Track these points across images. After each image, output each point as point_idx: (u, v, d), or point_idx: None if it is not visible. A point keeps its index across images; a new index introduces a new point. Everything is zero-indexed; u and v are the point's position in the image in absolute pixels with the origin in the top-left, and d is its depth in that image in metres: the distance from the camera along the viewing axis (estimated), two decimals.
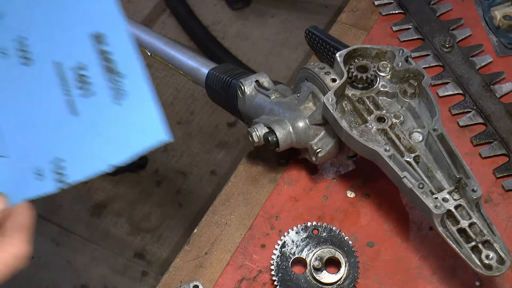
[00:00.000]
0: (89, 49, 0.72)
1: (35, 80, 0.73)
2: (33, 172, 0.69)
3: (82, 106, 0.71)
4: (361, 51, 0.87)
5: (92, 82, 0.71)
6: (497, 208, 0.91)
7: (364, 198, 0.92)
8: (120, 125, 0.69)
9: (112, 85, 0.70)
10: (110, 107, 0.70)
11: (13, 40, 0.75)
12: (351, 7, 1.13)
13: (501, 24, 1.08)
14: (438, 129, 0.80)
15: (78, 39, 0.73)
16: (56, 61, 0.72)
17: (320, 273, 0.84)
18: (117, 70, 0.70)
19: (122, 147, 0.68)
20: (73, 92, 0.71)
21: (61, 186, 0.68)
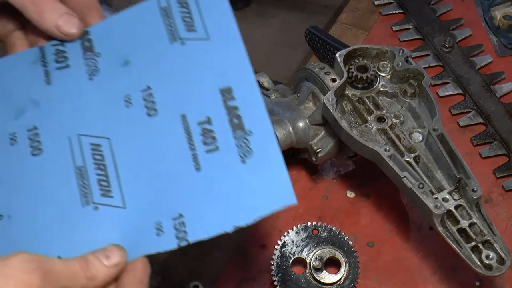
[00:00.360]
0: (217, 104, 0.69)
1: (159, 132, 0.70)
2: (154, 227, 0.66)
3: (206, 162, 0.67)
4: (361, 51, 0.87)
5: (217, 138, 0.68)
6: (497, 208, 0.91)
7: (364, 198, 0.92)
8: (246, 185, 0.66)
9: (238, 142, 0.67)
10: (235, 165, 0.66)
11: (138, 89, 0.73)
12: (351, 7, 1.13)
13: (501, 24, 1.08)
14: (438, 129, 0.80)
15: (207, 92, 0.70)
16: (182, 114, 0.70)
17: (320, 273, 0.83)
18: (244, 127, 0.67)
19: (247, 208, 0.65)
20: (197, 146, 0.68)
21: (181, 243, 0.65)
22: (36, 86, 0.76)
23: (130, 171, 0.70)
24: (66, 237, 0.68)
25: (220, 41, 0.72)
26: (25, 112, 0.75)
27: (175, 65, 0.73)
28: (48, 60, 0.77)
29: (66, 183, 0.70)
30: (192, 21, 0.73)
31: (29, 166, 0.72)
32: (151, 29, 0.75)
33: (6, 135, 0.74)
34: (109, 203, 0.69)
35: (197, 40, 0.73)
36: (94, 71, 0.75)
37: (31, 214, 0.70)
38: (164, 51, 0.74)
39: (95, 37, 0.77)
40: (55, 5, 0.74)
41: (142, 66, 0.74)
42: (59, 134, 0.73)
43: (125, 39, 0.76)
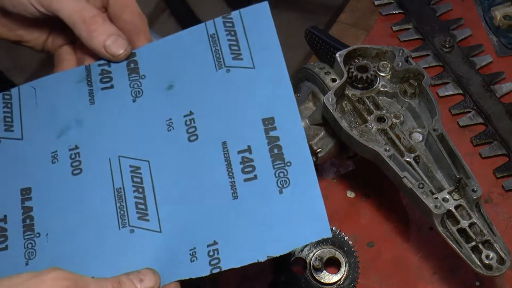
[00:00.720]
0: (258, 133, 0.69)
1: (199, 158, 0.70)
2: (188, 253, 0.66)
3: (243, 191, 0.67)
4: (361, 51, 0.87)
5: (256, 167, 0.68)
6: (497, 208, 0.91)
7: (364, 198, 0.92)
8: (282, 216, 0.66)
9: (277, 172, 0.67)
10: (272, 195, 0.66)
11: (180, 114, 0.73)
12: (351, 7, 1.13)
13: (501, 24, 1.08)
14: (438, 129, 0.80)
15: (249, 121, 0.70)
16: (223, 141, 0.70)
17: (320, 273, 0.83)
18: (284, 157, 0.68)
19: (282, 239, 0.65)
20: (236, 174, 0.68)
21: (214, 270, 0.65)
22: (80, 105, 0.77)
23: (168, 195, 0.70)
24: (101, 258, 0.68)
25: (266, 71, 0.72)
26: (68, 131, 0.75)
27: (219, 92, 0.73)
28: (93, 79, 0.77)
29: (104, 204, 0.71)
30: (239, 49, 0.74)
31: (68, 185, 0.73)
32: (197, 54, 0.76)
33: (48, 153, 0.75)
34: (145, 226, 0.69)
35: (242, 69, 0.73)
36: (138, 93, 0.76)
37: (68, 233, 0.70)
38: (209, 77, 0.74)
39: (141, 59, 0.77)
40: (104, 25, 0.76)
41: (186, 91, 0.74)
42: (100, 155, 0.73)
43: (171, 63, 0.76)
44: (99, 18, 0.75)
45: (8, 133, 0.76)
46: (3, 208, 0.72)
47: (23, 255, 0.69)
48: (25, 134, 0.76)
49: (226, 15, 0.77)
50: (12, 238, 0.71)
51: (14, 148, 0.76)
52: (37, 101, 0.78)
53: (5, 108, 0.78)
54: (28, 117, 0.77)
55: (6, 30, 0.82)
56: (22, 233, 0.71)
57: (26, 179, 0.74)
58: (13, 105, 0.78)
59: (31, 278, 0.58)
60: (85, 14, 0.75)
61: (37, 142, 0.76)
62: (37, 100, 0.78)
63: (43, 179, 0.74)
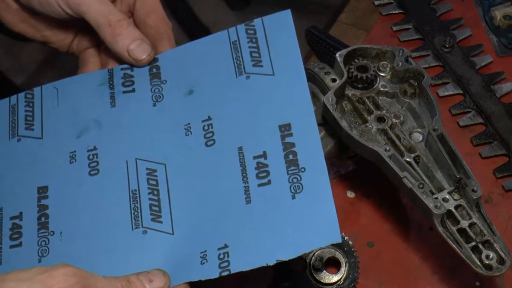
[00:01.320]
0: (274, 139, 0.70)
1: (215, 163, 0.71)
2: (199, 255, 0.67)
3: (257, 195, 0.68)
4: (361, 51, 0.87)
5: (270, 172, 0.68)
6: (497, 208, 0.91)
7: (364, 198, 0.92)
8: (293, 221, 0.66)
9: (290, 177, 0.68)
10: (285, 200, 0.67)
11: (199, 119, 0.73)
12: (351, 7, 1.13)
13: (501, 24, 1.08)
14: (438, 129, 0.80)
15: (266, 127, 0.71)
16: (240, 146, 0.71)
17: (320, 273, 0.83)
18: (299, 163, 0.68)
19: (292, 244, 0.65)
20: (250, 179, 0.69)
21: (223, 273, 0.66)
22: (101, 107, 0.77)
23: (182, 198, 0.71)
24: (113, 257, 0.69)
25: (285, 78, 0.73)
26: (87, 132, 0.76)
27: (238, 98, 0.74)
28: (115, 83, 0.78)
29: (119, 205, 0.71)
30: (259, 56, 0.75)
31: (85, 186, 0.73)
32: (219, 61, 0.76)
33: (67, 153, 0.75)
34: (158, 228, 0.70)
35: (262, 75, 0.74)
36: (159, 97, 0.76)
37: (82, 233, 0.71)
38: (228, 83, 0.75)
39: (163, 64, 0.78)
40: (129, 29, 0.76)
41: (205, 97, 0.75)
42: (118, 157, 0.74)
43: (192, 69, 0.77)
44: (124, 22, 0.76)
45: (28, 132, 0.77)
46: (19, 205, 0.73)
47: (37, 252, 0.70)
48: (45, 133, 0.77)
49: (248, 22, 0.78)
50: (27, 235, 0.71)
51: (33, 146, 0.77)
52: (59, 101, 0.79)
53: (27, 107, 0.79)
54: (49, 117, 0.78)
55: (34, 30, 0.83)
56: (37, 230, 0.71)
57: (43, 177, 0.75)
58: (35, 104, 0.79)
59: (41, 273, 0.58)
60: (110, 18, 0.75)
61: (57, 141, 0.77)
62: (58, 100, 0.79)
63: (60, 178, 0.74)
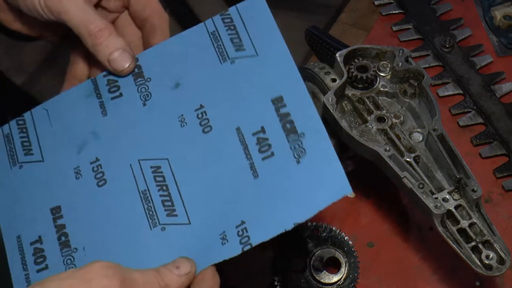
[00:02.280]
0: (269, 113, 0.71)
1: (216, 147, 0.72)
2: (219, 237, 0.68)
3: (263, 169, 0.69)
4: (361, 51, 0.87)
5: (272, 144, 0.70)
6: (497, 208, 0.91)
7: (364, 198, 0.92)
8: (302, 183, 0.68)
9: (292, 145, 0.69)
10: (291, 166, 0.68)
11: (191, 109, 0.74)
12: (351, 7, 1.13)
13: (501, 24, 1.08)
14: (438, 129, 0.80)
15: (259, 104, 0.72)
16: (237, 127, 0.72)
17: (320, 273, 0.84)
18: (297, 130, 0.69)
19: (306, 205, 0.67)
20: (253, 155, 0.70)
21: (245, 248, 0.67)
22: (94, 119, 0.78)
23: (191, 187, 0.72)
24: (139, 259, 0.69)
25: (269, 55, 0.74)
26: (86, 145, 0.77)
27: (226, 82, 0.75)
28: (101, 91, 0.78)
29: (133, 208, 0.72)
30: (240, 41, 0.75)
31: (96, 197, 0.74)
32: (200, 52, 0.77)
33: (71, 169, 0.76)
34: (175, 222, 0.71)
35: (246, 58, 0.75)
36: (147, 96, 0.77)
37: (104, 243, 0.72)
38: (214, 71, 0.75)
39: (143, 63, 0.78)
40: (110, 39, 0.76)
41: (193, 87, 0.76)
42: (120, 163, 0.75)
43: (174, 63, 0.78)
44: (106, 32, 0.75)
45: (28, 157, 0.78)
46: (37, 230, 0.74)
47: (65, 271, 0.70)
48: (45, 155, 0.78)
49: (223, 12, 0.78)
50: (51, 257, 0.72)
51: (37, 170, 0.77)
52: (51, 122, 0.80)
53: (21, 133, 0.80)
54: (45, 139, 0.79)
55: (27, 28, 0.84)
56: (60, 250, 0.72)
57: (54, 198, 0.75)
58: (28, 129, 0.80)
59: (78, 270, 0.60)
60: (91, 28, 0.75)
61: (59, 161, 0.77)
62: (51, 121, 0.80)
63: (71, 195, 0.75)
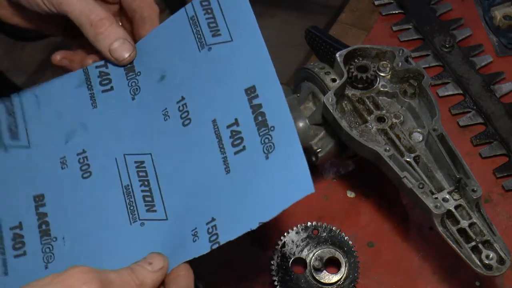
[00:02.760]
0: (243, 104, 0.70)
1: (194, 140, 0.71)
2: (191, 234, 0.67)
3: (235, 164, 0.68)
4: (361, 51, 0.87)
5: (244, 138, 0.69)
6: (497, 208, 0.91)
7: (364, 198, 0.92)
8: (268, 180, 0.66)
9: (262, 138, 0.68)
10: (260, 162, 0.67)
11: (174, 101, 0.74)
12: (351, 7, 1.13)
13: (501, 24, 1.08)
14: (438, 129, 0.80)
15: (233, 94, 0.71)
16: (213, 119, 0.71)
17: (320, 273, 0.83)
18: (268, 123, 0.68)
19: (270, 203, 0.65)
20: (227, 149, 0.69)
21: (213, 246, 0.66)
22: (83, 110, 0.78)
23: (170, 183, 0.71)
24: (116, 254, 0.69)
25: (243, 41, 0.73)
26: (74, 136, 0.77)
27: (204, 71, 0.74)
28: (93, 83, 0.78)
29: (115, 203, 0.72)
30: (217, 25, 0.74)
31: (80, 189, 0.74)
32: (182, 39, 0.76)
33: (57, 159, 0.76)
34: (153, 217, 0.70)
35: (222, 44, 0.73)
36: (136, 90, 0.77)
37: (84, 235, 0.72)
38: (194, 59, 0.74)
39: (135, 57, 0.78)
40: (111, 29, 0.76)
41: (176, 78, 0.75)
42: (107, 156, 0.75)
43: (160, 54, 0.77)
44: (106, 22, 0.76)
45: (14, 141, 0.78)
46: (18, 215, 0.74)
47: (42, 259, 0.71)
48: (32, 141, 0.78)
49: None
50: (30, 244, 0.72)
51: (22, 155, 0.77)
52: (41, 108, 0.79)
53: (9, 115, 0.79)
54: (32, 125, 0.78)
55: (25, 22, 0.83)
56: (39, 238, 0.72)
57: (37, 186, 0.75)
58: (16, 113, 0.79)
59: (57, 276, 0.60)
60: (92, 17, 0.75)
61: (45, 149, 0.77)
62: (40, 107, 0.79)
63: (55, 185, 0.75)
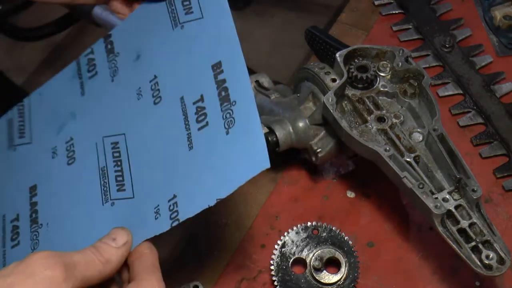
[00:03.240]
0: (209, 80, 0.70)
1: (163, 118, 0.72)
2: (153, 211, 0.67)
3: (197, 140, 0.68)
4: (361, 51, 0.87)
5: (207, 113, 0.69)
6: (497, 208, 0.91)
7: (364, 198, 0.92)
8: (227, 156, 0.66)
9: (224, 113, 0.67)
10: (221, 137, 0.67)
11: (147, 80, 0.74)
12: (351, 7, 1.13)
13: (501, 24, 1.08)
14: (438, 129, 0.80)
15: (201, 70, 0.71)
16: (181, 96, 0.71)
17: (320, 273, 0.83)
18: (230, 97, 0.68)
19: (227, 179, 0.65)
20: (192, 126, 0.69)
21: (173, 223, 0.66)
22: (74, 99, 0.80)
23: (139, 161, 0.72)
24: (90, 235, 0.69)
25: (212, 18, 0.73)
26: (64, 126, 0.79)
27: (176, 49, 0.74)
28: (82, 71, 0.80)
29: (92, 185, 0.73)
30: (190, 3, 0.75)
31: (65, 175, 0.76)
32: (158, 18, 0.77)
33: (49, 150, 0.78)
34: (122, 196, 0.71)
35: (193, 21, 0.74)
36: (115, 71, 0.78)
37: (64, 219, 0.74)
38: (167, 38, 0.75)
39: (115, 38, 0.79)
40: None
41: (150, 57, 0.76)
42: (89, 141, 0.76)
43: (138, 34, 0.78)
44: None
45: (21, 140, 0.81)
46: (16, 208, 0.76)
47: (30, 247, 0.73)
48: (33, 137, 0.80)
49: None
50: (22, 234, 0.74)
51: (25, 152, 0.80)
52: (42, 105, 0.82)
53: (19, 117, 0.83)
54: (35, 122, 0.81)
55: None
56: (29, 227, 0.74)
57: (33, 177, 0.78)
58: (25, 113, 0.82)
59: (19, 264, 0.59)
60: None
61: (42, 142, 0.79)
62: (42, 104, 0.82)
63: (45, 174, 0.77)
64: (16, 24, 1.65)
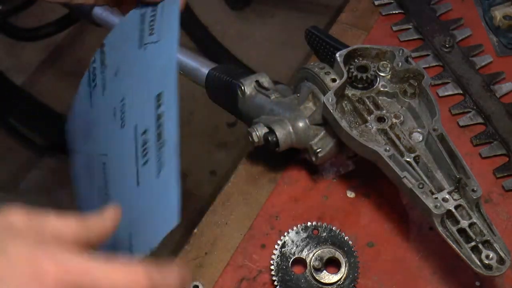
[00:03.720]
0: (152, 112, 0.65)
1: (124, 145, 0.68)
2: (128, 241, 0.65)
3: (142, 175, 0.65)
4: (361, 51, 0.87)
5: (148, 148, 0.64)
6: (497, 208, 0.91)
7: (364, 198, 0.92)
8: (152, 204, 0.63)
9: (157, 153, 0.63)
10: (153, 179, 0.63)
11: (118, 101, 0.71)
12: (351, 7, 1.13)
13: (501, 24, 1.08)
14: (438, 129, 0.80)
15: (149, 99, 0.66)
16: (135, 124, 0.67)
17: (320, 273, 0.83)
18: (162, 136, 0.63)
19: (152, 234, 0.61)
20: (139, 159, 0.65)
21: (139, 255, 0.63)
22: (87, 110, 0.77)
23: (113, 187, 0.71)
24: None
25: (163, 43, 0.69)
26: (88, 138, 0.77)
27: (138, 72, 0.70)
28: (91, 80, 0.77)
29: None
30: (154, 23, 0.71)
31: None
32: (131, 35, 0.73)
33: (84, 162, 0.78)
34: None
35: (152, 44, 0.70)
36: (105, 85, 0.75)
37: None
38: (135, 57, 0.71)
39: (107, 48, 0.76)
40: None
41: (123, 76, 0.72)
42: (88, 157, 0.76)
43: (120, 47, 0.75)
44: None
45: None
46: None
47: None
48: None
49: None
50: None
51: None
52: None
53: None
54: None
55: None
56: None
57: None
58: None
59: None
60: None
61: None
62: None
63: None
64: (16, 24, 1.65)
